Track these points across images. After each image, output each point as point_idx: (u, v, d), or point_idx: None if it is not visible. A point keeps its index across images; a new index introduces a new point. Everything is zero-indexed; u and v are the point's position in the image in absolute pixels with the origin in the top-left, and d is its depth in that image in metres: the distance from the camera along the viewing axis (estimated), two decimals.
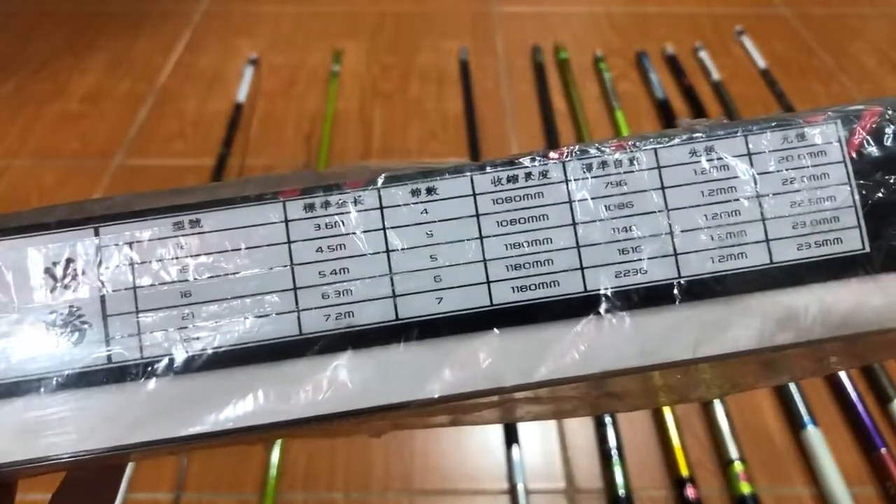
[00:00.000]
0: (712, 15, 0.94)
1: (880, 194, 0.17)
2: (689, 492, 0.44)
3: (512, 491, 0.45)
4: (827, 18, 0.94)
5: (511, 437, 0.48)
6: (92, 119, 0.78)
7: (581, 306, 0.17)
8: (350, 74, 0.85)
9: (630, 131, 0.74)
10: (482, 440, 0.49)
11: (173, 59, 0.87)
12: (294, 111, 0.79)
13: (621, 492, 0.45)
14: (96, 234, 0.17)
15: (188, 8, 0.96)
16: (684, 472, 0.46)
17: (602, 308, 0.17)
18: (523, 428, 0.49)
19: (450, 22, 0.94)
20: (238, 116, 0.77)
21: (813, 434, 0.47)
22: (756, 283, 0.17)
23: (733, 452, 0.46)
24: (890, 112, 0.17)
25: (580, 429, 0.49)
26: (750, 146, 0.17)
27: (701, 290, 0.17)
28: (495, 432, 0.49)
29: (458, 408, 0.17)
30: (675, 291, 0.17)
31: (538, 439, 0.49)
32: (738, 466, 0.45)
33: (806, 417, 0.48)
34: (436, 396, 0.16)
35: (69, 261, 0.16)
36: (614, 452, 0.46)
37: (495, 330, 0.17)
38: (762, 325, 0.17)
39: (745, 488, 0.44)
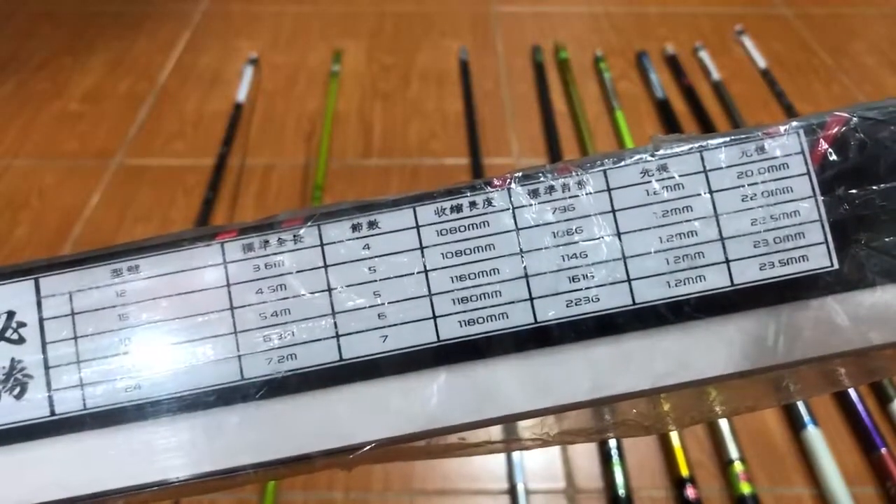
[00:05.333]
0: (712, 15, 0.94)
1: (847, 207, 0.16)
2: (689, 492, 0.44)
3: (512, 491, 0.45)
4: (827, 18, 0.94)
5: None
6: (92, 119, 0.78)
7: (531, 338, 0.16)
8: (350, 74, 0.84)
9: (630, 131, 0.74)
10: None
11: (173, 59, 0.87)
12: (294, 111, 0.79)
13: (621, 492, 0.45)
14: (36, 285, 0.16)
15: (188, 8, 0.96)
16: (684, 472, 0.45)
17: (553, 340, 0.16)
18: None
19: (450, 22, 0.94)
20: (238, 116, 0.77)
21: (813, 434, 0.47)
22: (716, 307, 0.16)
23: (733, 452, 0.46)
24: (856, 119, 0.16)
25: None
26: (706, 163, 0.16)
27: (657, 316, 0.16)
28: None
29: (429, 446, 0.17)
30: (630, 319, 0.16)
31: None
32: (738, 466, 0.45)
33: (806, 417, 0.48)
34: (382, 438, 0.16)
35: (10, 314, 0.16)
36: (614, 452, 0.46)
37: (443, 367, 0.16)
38: (725, 351, 0.16)
39: (746, 488, 0.44)
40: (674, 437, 0.47)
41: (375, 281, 0.16)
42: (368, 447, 0.16)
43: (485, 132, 0.75)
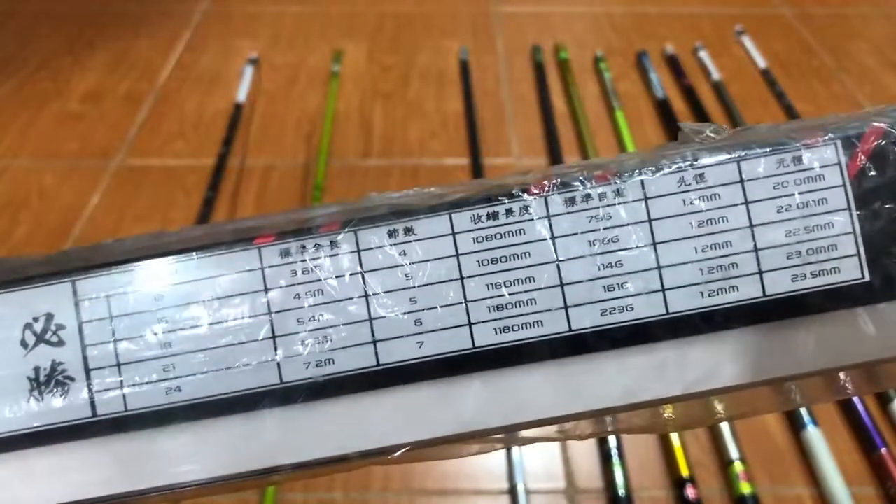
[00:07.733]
0: (712, 15, 0.94)
1: (881, 220, 0.16)
2: (690, 492, 0.44)
3: (512, 491, 0.45)
4: (827, 18, 0.94)
5: None
6: (92, 119, 0.78)
7: (565, 346, 0.16)
8: (350, 74, 0.84)
9: (630, 131, 0.74)
10: None
11: (173, 59, 0.87)
12: (294, 111, 0.78)
13: (621, 492, 0.45)
14: (74, 287, 0.16)
15: (188, 8, 0.96)
16: (684, 472, 0.45)
17: (587, 348, 0.16)
18: None
19: (450, 22, 0.94)
20: (238, 116, 0.77)
21: (813, 434, 0.47)
22: (748, 317, 0.16)
23: (733, 452, 0.46)
24: (894, 132, 0.16)
25: None
26: (743, 173, 0.16)
27: (689, 326, 0.16)
28: None
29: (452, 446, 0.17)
30: (663, 329, 0.16)
31: None
32: (738, 466, 0.45)
33: (806, 417, 0.48)
34: (418, 440, 0.16)
35: (49, 316, 0.16)
36: (614, 452, 0.46)
37: (478, 373, 0.16)
38: (754, 359, 0.16)
39: (746, 488, 0.44)
40: (674, 437, 0.47)
41: (412, 287, 0.16)
42: (404, 450, 0.16)
43: (485, 132, 0.75)
